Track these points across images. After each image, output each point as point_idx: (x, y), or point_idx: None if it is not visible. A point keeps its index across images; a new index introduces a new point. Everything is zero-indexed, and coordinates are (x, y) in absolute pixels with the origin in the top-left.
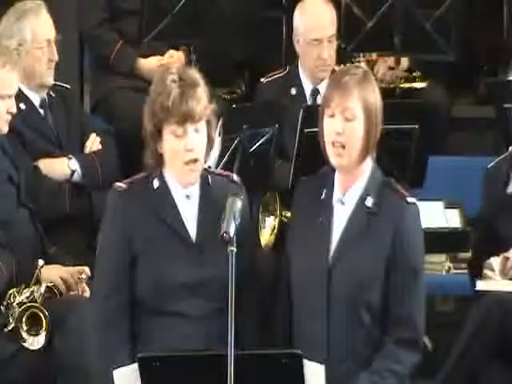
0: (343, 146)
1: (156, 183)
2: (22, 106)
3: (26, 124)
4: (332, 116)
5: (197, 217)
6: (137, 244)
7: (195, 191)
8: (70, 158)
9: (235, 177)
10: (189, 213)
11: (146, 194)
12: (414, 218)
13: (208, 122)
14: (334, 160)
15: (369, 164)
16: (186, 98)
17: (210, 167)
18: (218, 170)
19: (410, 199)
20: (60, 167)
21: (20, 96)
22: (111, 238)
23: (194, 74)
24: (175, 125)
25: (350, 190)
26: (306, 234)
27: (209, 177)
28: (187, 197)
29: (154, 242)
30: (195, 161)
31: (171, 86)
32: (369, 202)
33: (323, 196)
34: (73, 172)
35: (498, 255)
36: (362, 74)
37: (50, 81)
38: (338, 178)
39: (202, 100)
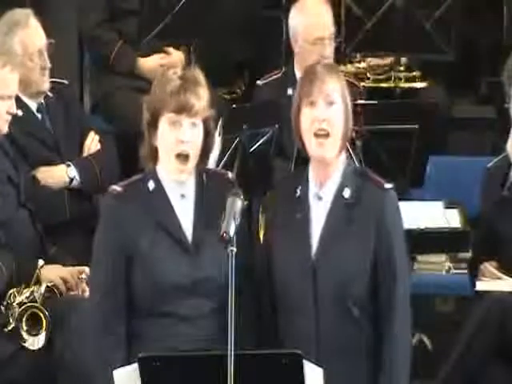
0: (327, 135)
1: (151, 185)
2: (20, 112)
3: (24, 131)
4: (313, 104)
5: (192, 216)
6: (132, 246)
7: (190, 190)
8: (69, 165)
9: (230, 175)
10: (184, 213)
11: (141, 196)
12: (393, 203)
13: (205, 126)
14: (316, 151)
15: (342, 156)
16: (185, 90)
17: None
18: (213, 169)
19: (387, 185)
20: (58, 175)
21: (17, 102)
22: (106, 242)
23: (199, 74)
24: (171, 113)
25: (326, 183)
26: (284, 233)
27: (204, 176)
28: (182, 196)
29: (150, 243)
30: (186, 157)
31: (172, 78)
32: (346, 193)
33: (298, 193)
34: (71, 179)
35: (495, 259)
36: (330, 64)
37: (46, 87)
38: (312, 173)
39: (201, 98)
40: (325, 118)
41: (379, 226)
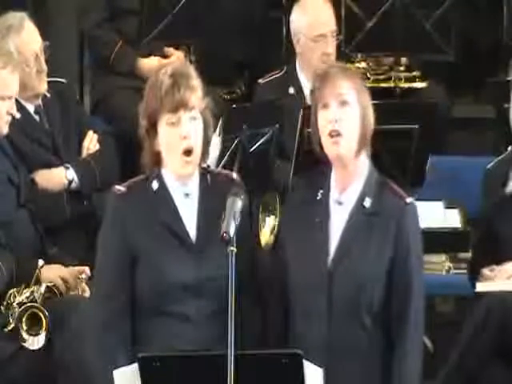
0: (340, 134)
1: (155, 185)
2: (17, 114)
3: (22, 133)
4: (326, 106)
5: (196, 217)
6: (137, 246)
7: (194, 190)
8: (68, 168)
9: (234, 175)
10: (188, 213)
11: (145, 195)
12: (413, 218)
13: (203, 117)
14: (331, 150)
15: (365, 163)
16: (179, 86)
17: (209, 166)
18: (218, 169)
19: (408, 199)
20: (57, 178)
21: (15, 104)
22: (110, 241)
23: (188, 67)
24: (169, 113)
25: (347, 190)
26: (302, 235)
27: (208, 176)
28: (186, 195)
29: (154, 243)
30: (190, 151)
31: (164, 78)
32: (367, 202)
33: (319, 196)
34: (70, 182)
35: (496, 260)
36: (347, 66)
37: (43, 89)
38: (334, 177)
39: (195, 89)
40: (337, 119)
41: (398, 239)
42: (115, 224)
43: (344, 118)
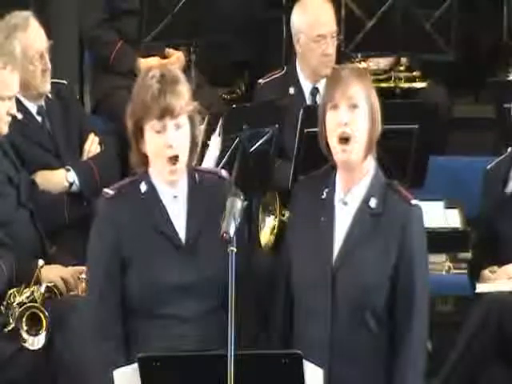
0: (349, 139)
1: (143, 187)
2: (19, 115)
3: (24, 134)
4: (336, 107)
5: (186, 217)
6: (127, 249)
7: (183, 191)
8: (68, 170)
9: (223, 173)
10: (177, 213)
11: (134, 198)
12: (419, 220)
13: (190, 120)
14: (339, 156)
15: (371, 164)
16: (165, 92)
17: (196, 164)
18: (206, 167)
19: (414, 201)
20: (58, 180)
21: (17, 105)
22: (100, 246)
23: (175, 71)
24: (154, 120)
25: (352, 190)
26: (307, 234)
27: (196, 174)
28: (175, 197)
29: (145, 246)
30: (176, 158)
31: (150, 83)
32: (372, 203)
33: (324, 195)
34: (71, 184)
35: (496, 261)
36: (359, 69)
37: (47, 89)
38: (340, 177)
39: (181, 95)
40: (347, 122)
41: (402, 241)
42: (104, 228)
43: (353, 121)
